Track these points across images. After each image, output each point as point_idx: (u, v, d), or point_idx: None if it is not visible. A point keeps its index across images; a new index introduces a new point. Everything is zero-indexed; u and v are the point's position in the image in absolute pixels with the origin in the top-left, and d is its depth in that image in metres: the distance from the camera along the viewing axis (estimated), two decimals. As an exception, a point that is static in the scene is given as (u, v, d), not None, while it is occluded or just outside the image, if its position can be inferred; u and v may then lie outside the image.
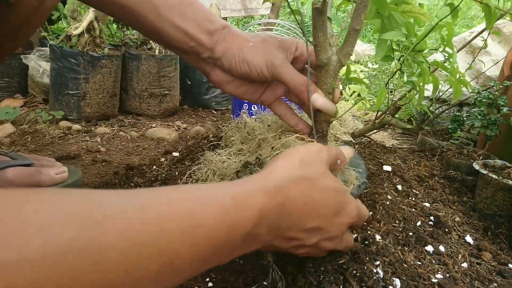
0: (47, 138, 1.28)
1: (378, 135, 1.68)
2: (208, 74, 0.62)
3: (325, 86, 0.54)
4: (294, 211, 0.41)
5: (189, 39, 0.57)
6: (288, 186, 0.41)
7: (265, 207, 0.37)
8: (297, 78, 0.55)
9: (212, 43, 0.58)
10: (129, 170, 0.95)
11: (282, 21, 1.46)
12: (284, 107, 0.63)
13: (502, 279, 0.62)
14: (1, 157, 0.83)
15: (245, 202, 0.36)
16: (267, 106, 0.64)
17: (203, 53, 0.58)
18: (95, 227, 0.25)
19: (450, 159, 1.04)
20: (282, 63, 0.55)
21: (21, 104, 1.66)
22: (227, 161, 0.59)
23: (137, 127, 1.58)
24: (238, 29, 0.60)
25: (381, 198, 0.76)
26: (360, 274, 0.53)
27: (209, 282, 0.51)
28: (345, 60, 0.52)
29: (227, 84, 0.61)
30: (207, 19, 0.58)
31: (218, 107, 2.03)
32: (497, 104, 1.06)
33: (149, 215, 0.29)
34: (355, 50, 2.96)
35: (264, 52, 0.56)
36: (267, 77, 0.57)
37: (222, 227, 0.33)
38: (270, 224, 0.39)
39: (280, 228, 0.41)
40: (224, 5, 2.83)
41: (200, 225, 0.31)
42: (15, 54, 1.76)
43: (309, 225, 0.43)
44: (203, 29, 0.57)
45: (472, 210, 0.87)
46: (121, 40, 1.78)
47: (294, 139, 0.57)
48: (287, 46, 0.59)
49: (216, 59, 0.59)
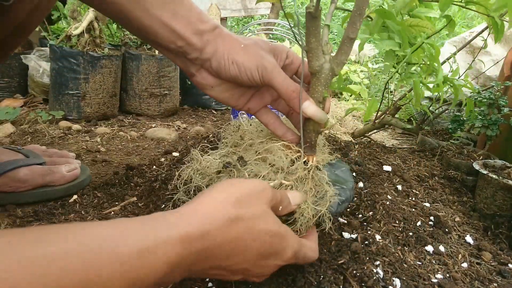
0: (47, 138, 1.28)
1: (378, 135, 1.67)
2: (193, 76, 0.60)
3: (315, 95, 0.53)
4: (219, 255, 0.39)
5: (177, 38, 0.56)
6: (215, 230, 0.38)
7: (178, 257, 0.35)
8: (288, 84, 0.53)
9: (202, 44, 0.56)
10: (129, 170, 0.95)
11: (282, 21, 1.46)
12: (271, 115, 0.60)
13: (502, 279, 0.62)
14: (14, 154, 0.83)
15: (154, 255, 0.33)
16: (254, 114, 0.62)
17: (190, 54, 0.57)
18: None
19: (450, 159, 1.04)
20: (273, 68, 0.53)
21: (21, 104, 1.66)
22: (211, 162, 0.57)
23: (137, 127, 1.58)
24: (229, 31, 0.59)
25: (381, 198, 0.76)
26: (360, 274, 0.53)
27: (209, 282, 0.51)
28: (338, 69, 0.50)
29: (212, 88, 0.59)
30: (198, 18, 0.56)
31: (218, 107, 2.03)
32: (498, 105, 1.06)
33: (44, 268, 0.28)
34: (355, 50, 2.96)
35: (255, 55, 0.54)
36: (257, 81, 0.54)
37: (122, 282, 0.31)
38: (186, 269, 0.37)
39: (199, 268, 0.39)
40: (224, 5, 2.83)
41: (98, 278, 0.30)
42: (15, 54, 1.76)
43: (234, 267, 0.41)
44: (193, 28, 0.55)
45: (472, 210, 0.87)
46: (121, 40, 1.78)
47: (280, 146, 0.55)
48: (278, 52, 0.57)
49: (204, 60, 0.57)
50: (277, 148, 0.55)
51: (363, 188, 0.80)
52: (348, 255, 0.56)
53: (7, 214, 0.75)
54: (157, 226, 0.36)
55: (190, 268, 0.37)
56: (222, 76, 0.57)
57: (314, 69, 0.51)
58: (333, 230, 0.63)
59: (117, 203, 0.78)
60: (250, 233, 0.40)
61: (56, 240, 0.30)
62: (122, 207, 0.76)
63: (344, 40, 0.49)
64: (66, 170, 0.84)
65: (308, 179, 0.54)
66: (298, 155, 0.55)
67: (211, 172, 0.56)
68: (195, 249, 0.36)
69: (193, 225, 0.37)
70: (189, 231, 0.36)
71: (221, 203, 0.40)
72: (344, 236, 0.63)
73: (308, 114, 0.52)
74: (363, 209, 0.73)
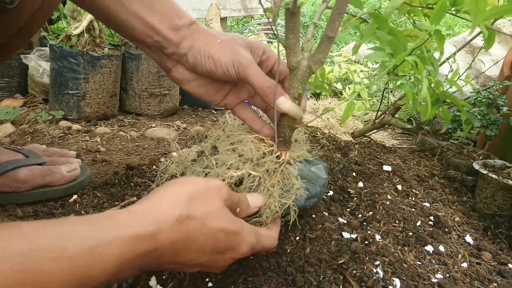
0: (47, 138, 1.28)
1: (378, 135, 1.68)
2: (170, 71, 0.60)
3: (291, 90, 0.53)
4: (172, 252, 0.39)
5: (154, 33, 0.56)
6: (166, 230, 0.37)
7: (127, 257, 0.35)
8: (264, 80, 0.53)
9: (178, 39, 0.56)
10: (129, 170, 0.95)
11: (282, 21, 1.46)
12: (248, 111, 0.61)
13: (502, 279, 0.62)
14: (14, 154, 0.83)
15: (105, 255, 0.33)
16: (231, 110, 0.63)
17: (167, 49, 0.57)
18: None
19: (450, 159, 1.04)
20: (249, 64, 0.54)
21: (21, 104, 1.66)
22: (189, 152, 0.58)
23: (137, 127, 1.58)
24: (206, 27, 0.59)
25: (381, 198, 0.76)
26: (360, 274, 0.53)
27: (209, 282, 0.51)
28: (315, 67, 0.50)
29: (189, 83, 0.60)
30: (175, 13, 0.56)
31: (218, 107, 2.03)
32: (496, 104, 1.06)
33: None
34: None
35: (231, 50, 0.55)
36: (233, 76, 0.55)
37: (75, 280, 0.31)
38: (138, 266, 0.37)
39: (152, 265, 0.39)
40: (224, 5, 2.83)
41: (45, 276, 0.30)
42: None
43: (188, 263, 0.41)
44: (170, 23, 0.56)
45: (472, 210, 0.87)
46: (121, 40, 1.78)
47: (252, 138, 0.56)
48: (255, 48, 0.58)
49: (181, 55, 0.57)
50: (249, 140, 0.56)
51: (363, 188, 0.80)
52: (348, 255, 0.56)
53: (7, 214, 0.75)
54: (107, 225, 0.35)
55: (142, 267, 0.37)
56: (198, 71, 0.58)
57: (291, 65, 0.51)
58: (333, 229, 0.64)
59: (117, 203, 0.78)
60: (202, 232, 0.40)
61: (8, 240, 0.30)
62: (122, 207, 0.76)
63: (322, 39, 0.48)
64: (66, 171, 0.84)
65: (277, 172, 0.54)
66: (271, 149, 0.56)
67: (186, 161, 0.57)
68: (145, 250, 0.36)
69: (144, 225, 0.36)
70: (139, 232, 0.36)
71: (172, 202, 0.40)
72: (344, 236, 0.63)
73: (283, 109, 0.52)
74: (363, 209, 0.73)
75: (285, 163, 0.56)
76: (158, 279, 0.51)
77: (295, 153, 0.60)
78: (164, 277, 0.51)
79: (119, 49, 1.70)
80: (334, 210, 0.71)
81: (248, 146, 0.55)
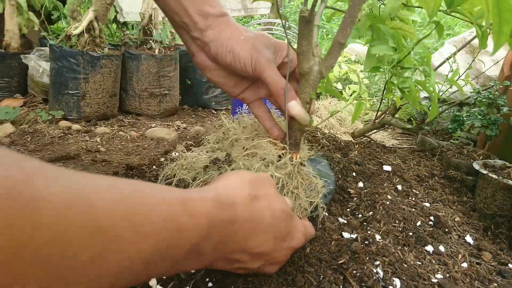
0: (47, 138, 1.28)
1: (378, 135, 1.67)
2: (193, 55, 0.61)
3: (303, 95, 0.54)
4: (242, 231, 0.40)
5: (183, 12, 0.57)
6: (240, 204, 0.39)
7: (215, 218, 0.36)
8: (277, 81, 0.54)
9: (203, 25, 0.57)
10: (129, 170, 0.95)
11: (282, 21, 1.46)
12: (263, 109, 0.63)
13: (502, 279, 0.62)
14: None
15: (195, 209, 0.34)
16: (248, 105, 0.64)
17: (192, 32, 0.58)
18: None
19: (450, 159, 1.04)
20: (267, 63, 0.55)
21: (21, 104, 1.66)
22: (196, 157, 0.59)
23: (137, 127, 1.57)
24: (237, 22, 0.60)
25: (381, 198, 0.76)
26: (360, 274, 0.53)
27: (209, 282, 0.51)
28: (326, 72, 0.52)
29: (210, 71, 0.61)
30: (208, 2, 0.57)
31: (218, 107, 2.03)
32: (497, 104, 1.06)
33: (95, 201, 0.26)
34: (355, 49, 2.96)
35: (252, 47, 0.56)
36: (250, 72, 0.56)
37: (171, 227, 0.31)
38: (217, 241, 0.37)
39: (226, 248, 0.39)
40: (224, 4, 2.83)
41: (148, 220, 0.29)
42: (15, 54, 1.76)
43: (256, 249, 0.42)
44: (200, 8, 0.57)
45: (472, 210, 0.87)
46: (121, 40, 1.78)
47: (266, 142, 0.57)
48: (278, 49, 0.58)
49: (205, 43, 0.58)
50: (264, 144, 0.57)
51: (363, 188, 0.80)
52: (348, 255, 0.56)
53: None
54: (189, 190, 0.37)
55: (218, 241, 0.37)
56: (219, 62, 0.59)
57: (303, 70, 0.52)
58: (333, 229, 0.63)
59: (117, 203, 0.78)
60: (268, 211, 0.42)
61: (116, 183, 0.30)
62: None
63: (334, 44, 0.49)
64: None
65: (296, 174, 0.56)
66: (283, 151, 0.57)
67: (197, 166, 0.57)
68: (226, 215, 0.37)
69: (223, 195, 0.38)
70: (221, 197, 0.37)
71: (239, 184, 0.42)
72: (344, 236, 0.63)
73: (292, 113, 0.54)
74: (363, 209, 0.73)
75: (298, 164, 0.57)
76: (158, 279, 0.50)
77: (300, 154, 0.61)
78: (164, 277, 0.51)
79: (119, 49, 1.70)
80: (334, 210, 0.71)
81: (267, 150, 0.56)
